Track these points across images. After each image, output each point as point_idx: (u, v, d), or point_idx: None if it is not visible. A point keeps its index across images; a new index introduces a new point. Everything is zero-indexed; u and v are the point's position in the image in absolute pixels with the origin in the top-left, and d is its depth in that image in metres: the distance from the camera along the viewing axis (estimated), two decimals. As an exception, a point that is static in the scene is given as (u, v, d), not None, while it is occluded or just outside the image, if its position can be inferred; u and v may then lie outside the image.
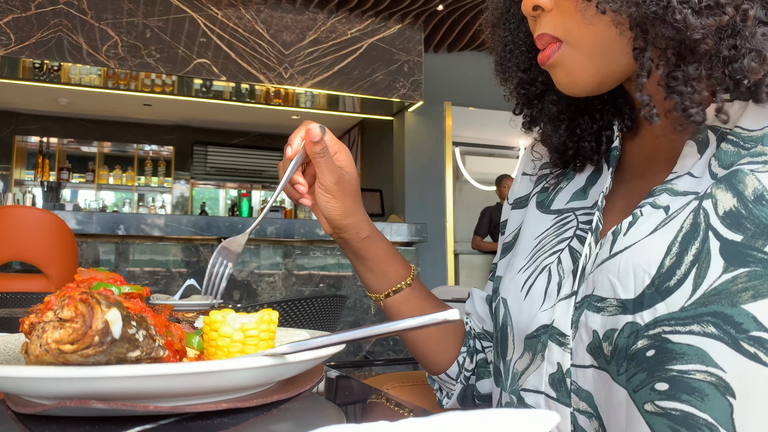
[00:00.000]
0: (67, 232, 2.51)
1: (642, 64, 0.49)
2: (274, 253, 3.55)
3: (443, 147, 5.16)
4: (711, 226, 0.46)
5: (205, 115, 5.96)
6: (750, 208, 0.44)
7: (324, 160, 0.65)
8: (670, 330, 0.46)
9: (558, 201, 0.68)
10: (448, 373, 0.76)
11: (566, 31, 0.54)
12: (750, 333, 0.42)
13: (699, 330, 0.44)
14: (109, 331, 0.37)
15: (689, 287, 0.45)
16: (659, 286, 0.47)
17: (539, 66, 0.63)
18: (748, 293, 0.42)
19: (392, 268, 0.72)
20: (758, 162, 0.46)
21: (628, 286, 0.49)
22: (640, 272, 0.49)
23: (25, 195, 5.78)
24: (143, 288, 0.49)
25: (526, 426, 0.25)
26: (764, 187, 0.44)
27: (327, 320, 1.62)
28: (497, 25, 0.69)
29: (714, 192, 0.47)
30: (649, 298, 0.47)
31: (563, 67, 0.55)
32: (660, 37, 0.47)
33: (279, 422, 0.42)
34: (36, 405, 0.39)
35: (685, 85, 0.48)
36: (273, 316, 0.47)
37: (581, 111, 0.65)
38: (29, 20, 3.74)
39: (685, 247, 0.47)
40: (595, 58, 0.53)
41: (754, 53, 0.44)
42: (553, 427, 0.25)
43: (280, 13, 4.34)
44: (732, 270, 0.43)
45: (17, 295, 1.67)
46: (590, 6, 0.51)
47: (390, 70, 4.62)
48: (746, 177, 0.46)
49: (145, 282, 3.31)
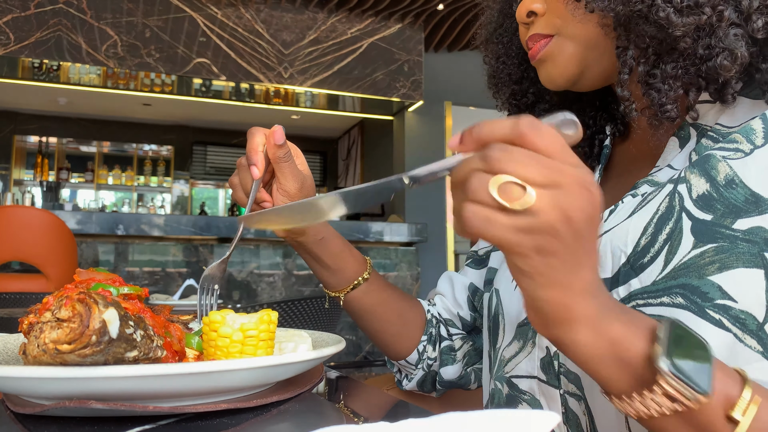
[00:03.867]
0: (66, 232, 2.51)
1: (624, 62, 0.53)
2: (274, 253, 3.55)
3: (443, 147, 5.15)
4: (685, 208, 0.49)
5: (205, 115, 5.96)
6: (721, 192, 0.47)
7: (288, 165, 0.64)
8: (643, 303, 0.48)
9: None
10: (408, 360, 0.78)
11: (557, 27, 0.57)
12: (715, 301, 0.44)
13: (669, 301, 0.46)
14: (107, 330, 0.37)
15: (661, 263, 0.48)
16: (634, 264, 0.50)
17: (530, 78, 0.68)
18: (715, 266, 0.45)
19: (348, 265, 0.73)
20: (730, 149, 0.49)
21: (606, 266, 0.52)
22: (617, 252, 0.52)
23: (25, 195, 5.78)
24: (142, 289, 0.49)
25: (526, 426, 0.25)
26: (735, 173, 0.47)
27: (327, 320, 1.62)
28: (490, 40, 0.73)
29: (688, 176, 0.50)
30: (625, 275, 0.50)
31: (552, 59, 0.58)
32: (642, 36, 0.50)
33: (279, 423, 0.42)
34: (35, 405, 0.39)
35: (662, 82, 0.51)
36: (273, 316, 0.47)
37: None
38: (28, 20, 3.73)
39: (660, 227, 0.50)
40: (580, 48, 0.56)
41: (727, 52, 0.47)
42: (553, 427, 0.25)
43: (279, 13, 4.34)
44: (701, 246, 0.46)
45: (16, 296, 1.67)
46: (579, 6, 0.54)
47: (390, 70, 4.62)
48: (719, 163, 0.49)
49: (145, 282, 3.31)
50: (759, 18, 0.47)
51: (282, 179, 0.65)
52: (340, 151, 6.76)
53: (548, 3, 0.57)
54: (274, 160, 0.64)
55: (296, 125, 6.14)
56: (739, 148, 0.48)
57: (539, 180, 0.34)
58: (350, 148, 6.34)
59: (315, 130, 6.46)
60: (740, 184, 0.47)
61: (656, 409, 0.37)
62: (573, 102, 0.69)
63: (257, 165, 0.63)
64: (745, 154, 0.48)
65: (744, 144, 0.48)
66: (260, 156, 0.63)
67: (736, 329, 0.44)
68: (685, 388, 0.35)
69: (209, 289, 0.63)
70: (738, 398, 0.37)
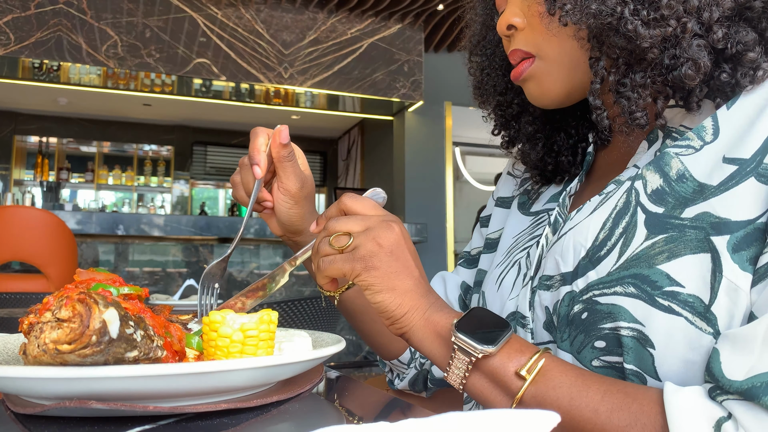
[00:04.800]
0: (66, 232, 2.51)
1: (596, 72, 0.56)
2: (274, 253, 3.55)
3: (443, 147, 5.16)
4: (640, 203, 0.52)
5: (205, 115, 5.96)
6: (672, 186, 0.51)
7: (291, 164, 0.66)
8: (599, 293, 0.51)
9: (537, 204, 0.72)
10: (401, 359, 0.80)
11: (536, 46, 0.59)
12: (664, 288, 0.47)
13: (621, 291, 0.49)
14: (107, 330, 0.37)
15: (616, 255, 0.52)
16: (592, 257, 0.54)
17: (515, 89, 0.70)
18: (664, 255, 0.48)
19: None
20: (683, 146, 0.52)
21: (568, 260, 0.56)
22: (578, 247, 0.55)
23: (25, 195, 5.78)
24: (142, 289, 0.49)
25: (526, 426, 0.25)
26: (686, 168, 0.51)
27: (327, 320, 1.62)
28: (474, 52, 0.75)
29: (644, 173, 0.54)
30: (583, 268, 0.54)
31: (535, 80, 0.61)
32: (613, 47, 0.53)
33: (279, 423, 0.42)
34: (35, 405, 0.39)
35: (632, 91, 0.54)
36: (273, 316, 0.47)
37: (557, 128, 0.71)
38: (29, 20, 3.74)
39: (617, 221, 0.53)
40: (564, 70, 0.59)
41: (691, 62, 0.50)
42: (553, 427, 0.25)
43: (279, 13, 4.34)
44: (652, 237, 0.50)
45: (16, 296, 1.67)
46: (554, 20, 0.57)
47: (390, 70, 4.62)
48: (672, 160, 0.52)
49: (145, 282, 3.31)
50: (719, 29, 0.50)
51: (284, 178, 0.66)
52: (340, 152, 6.76)
53: (527, 17, 0.59)
54: (277, 159, 0.65)
55: (296, 125, 6.14)
56: (691, 144, 0.52)
57: (356, 228, 0.53)
58: (350, 148, 6.34)
59: (315, 130, 6.46)
60: (690, 178, 0.50)
61: (462, 369, 0.49)
62: (555, 112, 0.70)
63: (260, 165, 0.64)
64: (695, 150, 0.51)
65: (695, 141, 0.52)
66: (263, 156, 0.64)
67: (687, 313, 0.46)
68: (470, 342, 0.48)
69: (210, 287, 0.63)
70: (528, 361, 0.47)
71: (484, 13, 0.74)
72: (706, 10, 0.50)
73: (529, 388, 0.47)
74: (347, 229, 0.53)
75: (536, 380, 0.47)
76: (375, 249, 0.51)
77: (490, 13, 0.72)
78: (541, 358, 0.48)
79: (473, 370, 0.49)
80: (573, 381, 0.46)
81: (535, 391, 0.47)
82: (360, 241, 0.52)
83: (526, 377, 0.47)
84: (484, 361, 0.49)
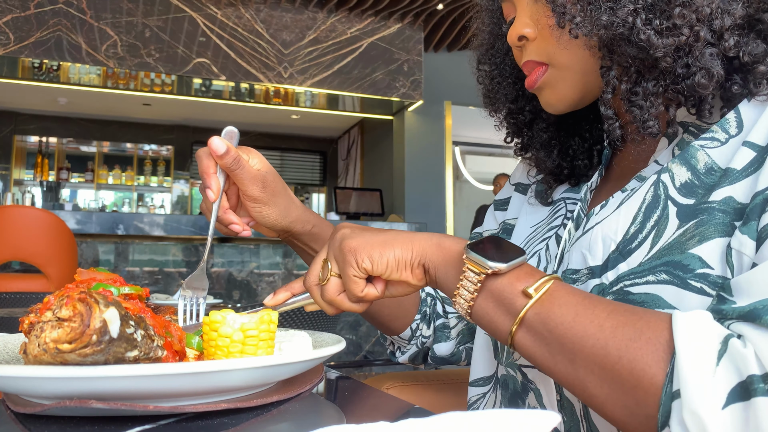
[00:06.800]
0: (66, 232, 2.51)
1: (607, 81, 0.56)
2: (274, 253, 3.55)
3: (443, 147, 5.16)
4: (670, 196, 0.52)
5: (205, 115, 5.96)
6: (702, 179, 0.51)
7: (240, 171, 0.64)
8: (630, 284, 0.51)
9: (555, 193, 0.72)
10: (401, 336, 0.81)
11: (549, 56, 0.59)
12: (696, 271, 0.47)
13: (653, 279, 0.49)
14: (107, 330, 0.37)
15: (648, 247, 0.51)
16: (623, 250, 0.53)
17: (526, 96, 0.70)
18: (695, 239, 0.48)
19: None
20: (707, 138, 0.52)
21: (597, 254, 0.55)
22: (607, 240, 0.55)
23: (25, 195, 5.78)
24: (142, 289, 0.49)
25: (527, 426, 0.25)
26: (713, 161, 0.51)
27: (327, 320, 1.62)
28: (483, 61, 0.74)
29: (670, 167, 0.53)
30: (614, 261, 0.53)
31: (551, 88, 0.61)
32: (625, 56, 0.53)
33: (279, 423, 0.42)
34: (35, 405, 0.39)
35: (644, 99, 0.54)
36: (273, 316, 0.47)
37: (571, 133, 0.70)
38: (28, 20, 3.73)
39: (648, 215, 0.53)
40: (577, 76, 0.59)
41: (704, 71, 0.50)
42: (554, 427, 0.25)
43: (279, 13, 4.34)
44: (684, 225, 0.50)
45: (17, 295, 1.67)
46: (564, 32, 0.56)
47: (390, 70, 4.62)
48: (698, 152, 0.52)
49: (145, 282, 3.31)
50: (731, 37, 0.50)
51: (241, 187, 0.65)
52: (340, 151, 6.76)
53: (538, 28, 0.59)
54: (227, 171, 0.64)
55: (296, 125, 6.14)
56: (716, 137, 0.52)
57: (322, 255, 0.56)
58: (350, 147, 6.34)
59: (315, 129, 6.46)
60: (718, 170, 0.51)
61: (470, 289, 0.49)
62: (568, 117, 0.70)
63: (211, 188, 0.64)
64: (721, 143, 0.51)
65: (720, 134, 0.52)
66: (213, 178, 0.64)
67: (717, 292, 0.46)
68: (480, 259, 0.47)
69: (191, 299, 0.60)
70: (536, 282, 0.47)
71: (491, 22, 0.73)
72: (718, 18, 0.50)
73: (534, 306, 0.46)
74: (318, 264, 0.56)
75: (542, 299, 0.46)
76: (350, 246, 0.52)
77: (498, 21, 0.72)
78: (550, 280, 0.47)
79: (481, 290, 0.48)
80: (580, 300, 0.45)
81: (540, 308, 0.46)
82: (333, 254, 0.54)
83: (533, 295, 0.46)
84: (493, 280, 0.48)
